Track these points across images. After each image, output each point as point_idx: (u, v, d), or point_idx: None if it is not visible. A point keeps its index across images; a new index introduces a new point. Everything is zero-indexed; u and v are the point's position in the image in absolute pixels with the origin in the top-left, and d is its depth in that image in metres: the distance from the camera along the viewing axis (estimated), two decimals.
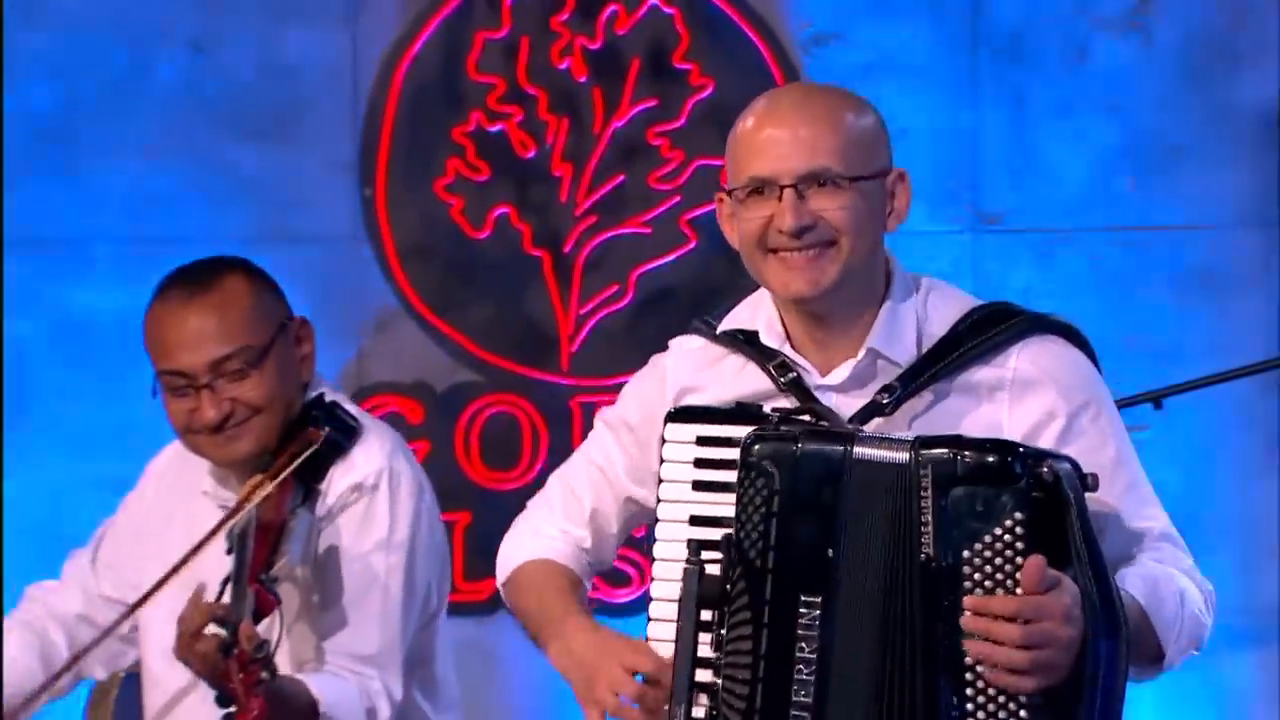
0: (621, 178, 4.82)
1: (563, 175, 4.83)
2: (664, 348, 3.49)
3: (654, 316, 4.80)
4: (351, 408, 3.27)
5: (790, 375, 2.70)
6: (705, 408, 2.70)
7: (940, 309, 2.75)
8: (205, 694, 3.11)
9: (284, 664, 3.13)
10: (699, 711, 2.56)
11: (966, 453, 2.52)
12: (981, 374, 2.69)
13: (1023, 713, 2.50)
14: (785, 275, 2.69)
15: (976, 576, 2.50)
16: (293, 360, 3.28)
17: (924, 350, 2.71)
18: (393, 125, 4.85)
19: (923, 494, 2.53)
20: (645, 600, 2.71)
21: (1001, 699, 2.50)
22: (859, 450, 2.57)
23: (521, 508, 4.75)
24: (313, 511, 3.20)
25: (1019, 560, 2.49)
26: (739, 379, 2.76)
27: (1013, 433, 2.68)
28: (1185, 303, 4.68)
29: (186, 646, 2.95)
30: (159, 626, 3.19)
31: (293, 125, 4.86)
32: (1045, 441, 2.67)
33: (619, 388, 4.76)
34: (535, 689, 4.85)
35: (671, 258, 4.82)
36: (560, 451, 4.77)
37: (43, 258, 4.77)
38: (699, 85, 4.80)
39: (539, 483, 4.76)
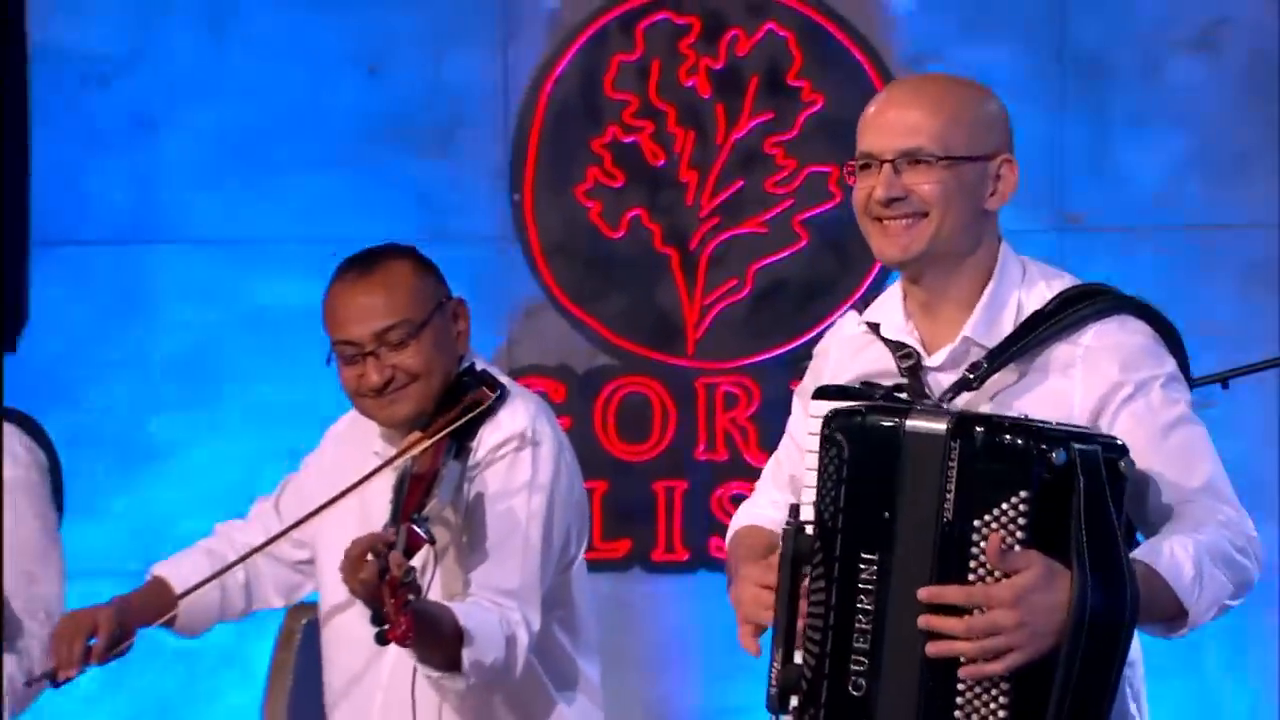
0: (741, 183, 4.81)
1: (689, 181, 4.83)
2: (780, 334, 3.60)
3: (769, 307, 4.79)
4: (500, 376, 3.29)
5: (909, 361, 2.67)
6: (839, 387, 2.66)
7: (1040, 290, 2.70)
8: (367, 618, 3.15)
9: (435, 596, 3.15)
10: (799, 656, 2.57)
11: (992, 430, 2.48)
12: (1060, 350, 2.65)
13: (1001, 683, 2.45)
14: (881, 241, 2.67)
15: (981, 544, 2.47)
16: (449, 335, 3.29)
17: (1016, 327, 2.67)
18: (539, 138, 4.85)
19: (950, 463, 2.48)
20: None
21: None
22: (912, 422, 2.53)
23: (652, 477, 4.78)
24: (463, 464, 3.21)
25: (1019, 534, 2.45)
26: (875, 361, 2.73)
27: (1081, 404, 2.63)
28: (1249, 294, 4.64)
29: (349, 571, 2.98)
30: (334, 561, 3.20)
31: (451, 139, 4.87)
32: (1109, 410, 2.62)
33: (739, 370, 4.92)
34: (665, 637, 4.86)
35: (785, 254, 4.79)
36: (686, 427, 4.84)
37: (235, 255, 4.81)
38: (810, 100, 4.78)
39: (668, 454, 4.82)
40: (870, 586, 2.52)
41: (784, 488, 2.84)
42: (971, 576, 2.46)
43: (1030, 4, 4.74)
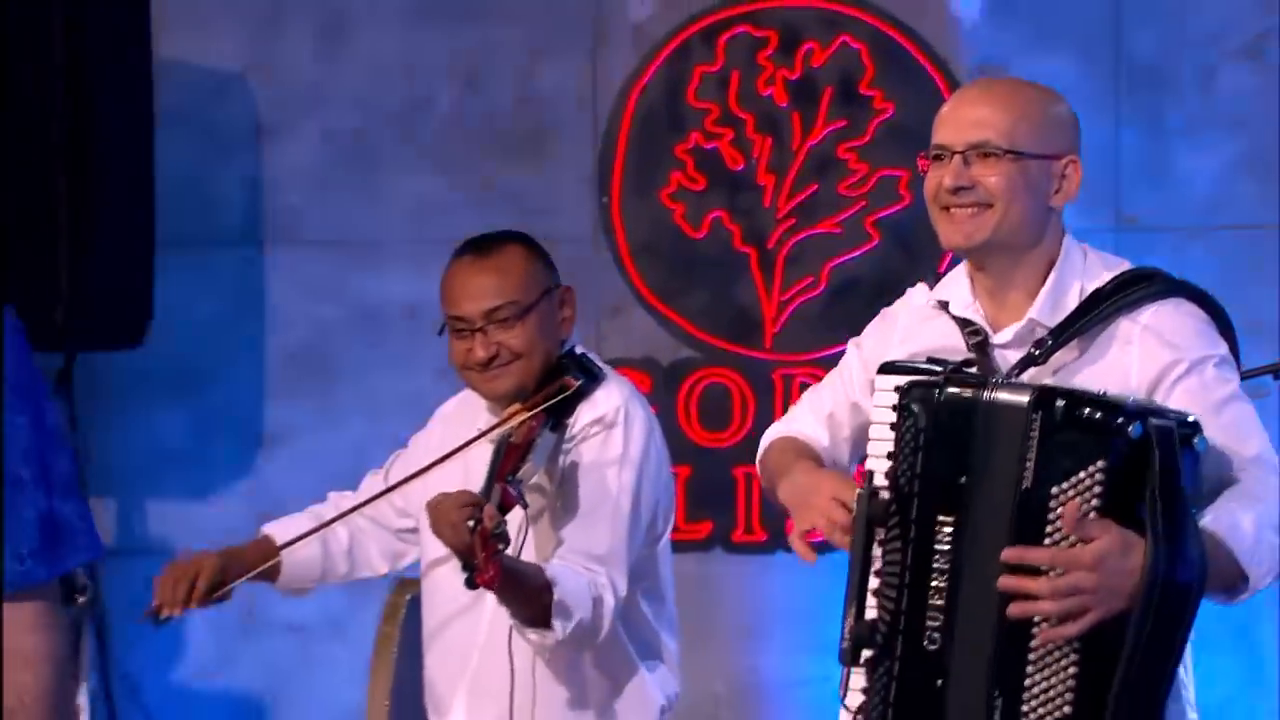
0: (815, 187, 4.78)
1: (766, 185, 4.80)
2: (852, 329, 3.54)
3: (843, 303, 4.75)
4: (598, 360, 3.30)
5: (977, 338, 2.67)
6: (906, 363, 2.64)
7: (1099, 273, 2.69)
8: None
9: (529, 558, 3.16)
10: (870, 613, 2.56)
11: (1073, 403, 2.46)
12: (1120, 328, 2.63)
13: (1069, 650, 2.45)
14: (948, 228, 2.67)
15: (1059, 510, 2.45)
16: (554, 319, 3.30)
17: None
18: (626, 144, 4.84)
19: (1031, 433, 2.47)
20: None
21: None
22: (991, 394, 2.52)
23: (732, 463, 4.77)
24: (559, 436, 3.21)
25: (1094, 501, 2.43)
26: (941, 336, 2.72)
27: (1139, 378, 2.62)
28: None
29: (442, 519, 2.99)
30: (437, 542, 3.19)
31: (544, 145, 4.86)
32: (1164, 386, 2.60)
33: (814, 362, 4.76)
34: (745, 613, 4.83)
35: (858, 254, 4.76)
36: (764, 416, 4.65)
37: (344, 255, 4.83)
38: (881, 109, 4.75)
39: (747, 442, 4.74)
40: (946, 547, 2.52)
41: (822, 422, 2.83)
42: (1047, 541, 2.45)
43: (1088, 16, 4.69)
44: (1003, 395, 2.51)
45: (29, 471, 1.96)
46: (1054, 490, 2.45)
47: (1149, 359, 2.61)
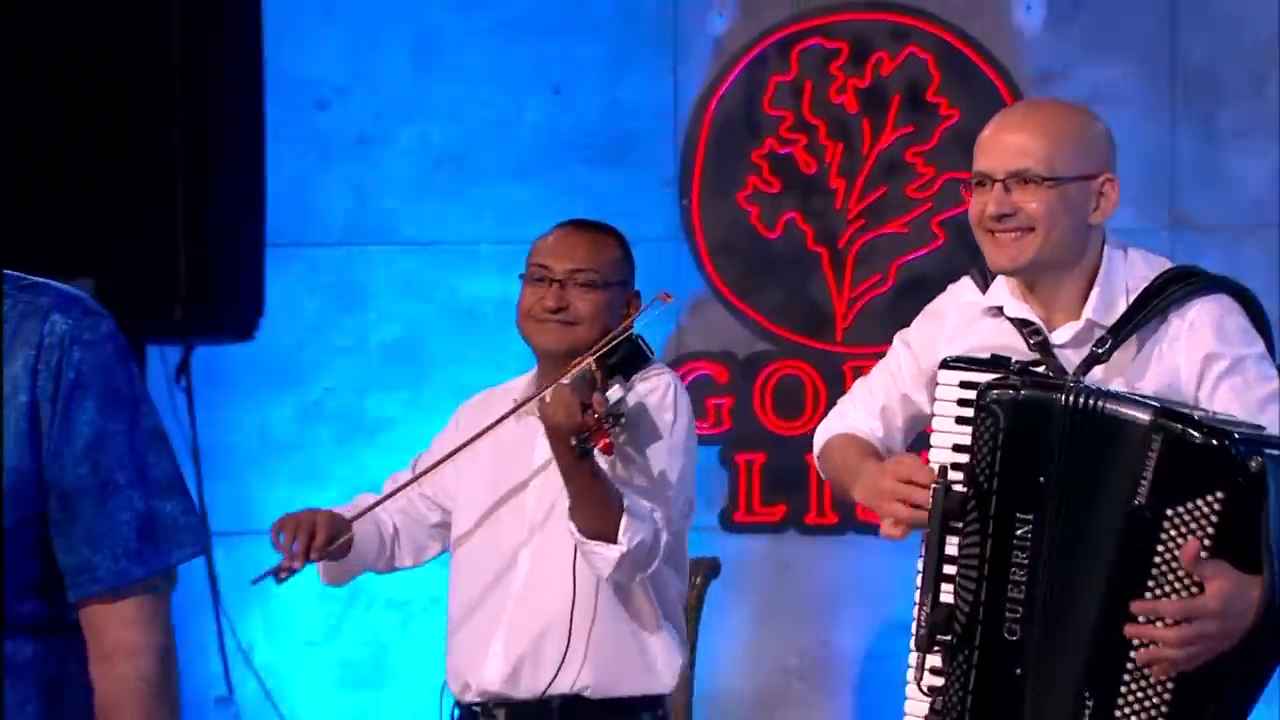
0: (884, 189, 4.78)
1: (837, 188, 4.80)
2: None
3: (910, 299, 4.36)
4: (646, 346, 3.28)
5: (1038, 338, 2.65)
6: (970, 358, 2.62)
7: (1142, 270, 2.68)
8: (504, 579, 3.21)
9: None
10: (946, 598, 2.55)
11: (1198, 430, 2.42)
12: (1169, 324, 2.62)
13: (1170, 683, 2.42)
14: (993, 251, 2.67)
15: (1172, 532, 2.41)
16: (619, 309, 3.31)
17: (1129, 304, 2.64)
18: (704, 150, 4.84)
19: (1150, 453, 2.43)
20: None
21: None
22: (1082, 400, 2.48)
23: (805, 449, 4.66)
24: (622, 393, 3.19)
25: (1210, 530, 2.38)
26: (996, 334, 2.71)
27: (1186, 372, 2.61)
28: None
29: (559, 398, 3.02)
30: (472, 500, 3.27)
31: (627, 151, 4.87)
32: (1208, 380, 2.59)
33: (882, 355, 4.82)
34: (818, 592, 4.83)
35: (923, 252, 4.76)
36: (834, 405, 4.89)
37: (439, 255, 4.84)
38: (947, 115, 4.75)
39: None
40: (1025, 543, 2.50)
41: (876, 415, 2.82)
42: (1156, 559, 2.41)
43: (1144, 25, 4.67)
44: (1116, 406, 2.47)
45: (124, 476, 1.97)
46: (1169, 513, 2.41)
47: (1193, 352, 2.60)
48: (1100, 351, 2.61)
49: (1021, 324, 2.66)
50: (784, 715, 4.77)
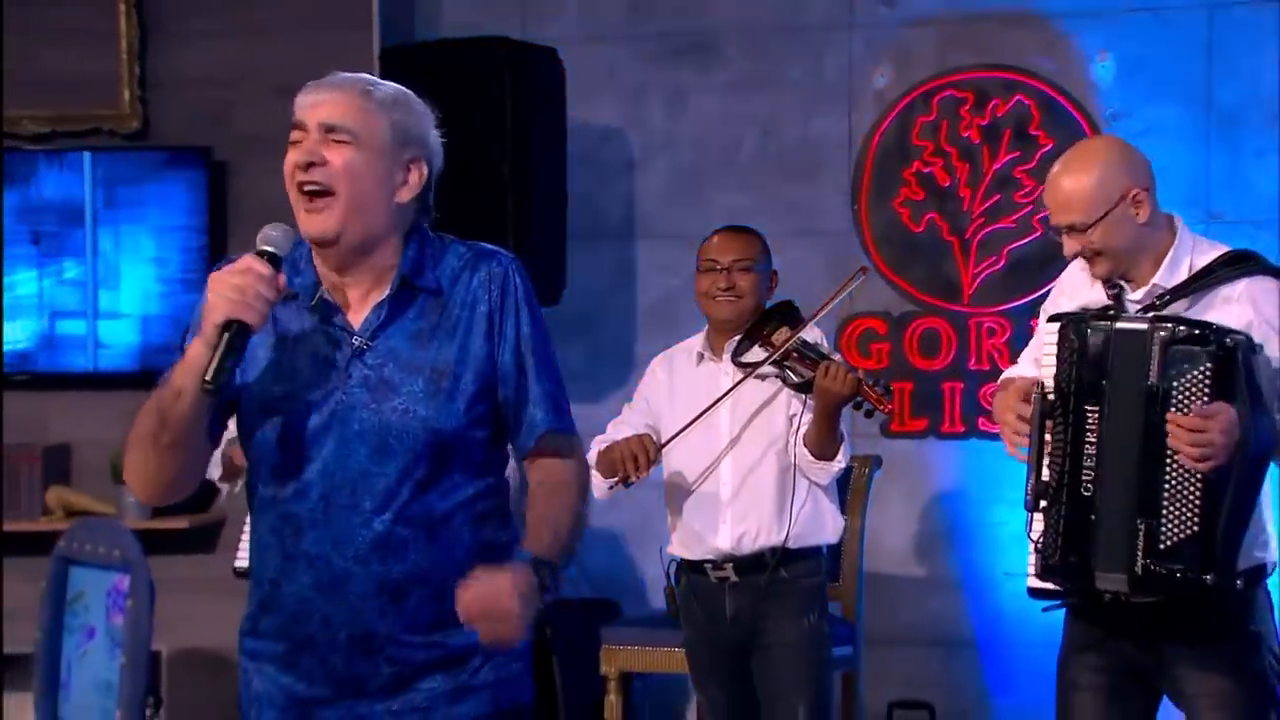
0: (998, 197, 4.81)
1: (965, 196, 4.84)
2: (1021, 291, 3.55)
3: (1016, 274, 4.76)
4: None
5: (1114, 290, 2.64)
6: (1066, 313, 2.62)
7: (1206, 250, 2.65)
8: (704, 510, 3.19)
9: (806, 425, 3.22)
10: (1046, 475, 2.57)
11: (1181, 326, 2.49)
12: (1222, 293, 2.59)
13: (1198, 480, 2.44)
14: (1090, 270, 2.66)
15: (1178, 397, 2.46)
16: (769, 285, 3.35)
17: (1189, 274, 2.63)
18: (870, 170, 4.88)
19: (1153, 346, 2.48)
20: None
21: (1185, 473, 2.47)
22: (1120, 324, 2.54)
23: (941, 380, 4.87)
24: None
25: (1205, 390, 2.43)
26: (1094, 292, 2.71)
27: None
28: None
29: (837, 372, 3.06)
30: (687, 446, 3.28)
31: (815, 173, 4.92)
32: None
33: (997, 314, 4.85)
34: (951, 481, 4.76)
35: (1026, 241, 4.76)
36: (962, 349, 4.81)
37: (685, 245, 4.10)
38: (1045, 143, 4.76)
39: (951, 366, 4.95)
40: (1094, 426, 2.53)
41: (1032, 365, 2.78)
42: (1170, 414, 2.45)
43: (1187, 76, 4.65)
44: (1130, 324, 2.52)
45: (535, 360, 2.04)
46: (1174, 385, 2.45)
47: (1241, 319, 2.57)
48: (1158, 302, 2.59)
49: (1108, 283, 2.67)
50: (926, 562, 4.83)
